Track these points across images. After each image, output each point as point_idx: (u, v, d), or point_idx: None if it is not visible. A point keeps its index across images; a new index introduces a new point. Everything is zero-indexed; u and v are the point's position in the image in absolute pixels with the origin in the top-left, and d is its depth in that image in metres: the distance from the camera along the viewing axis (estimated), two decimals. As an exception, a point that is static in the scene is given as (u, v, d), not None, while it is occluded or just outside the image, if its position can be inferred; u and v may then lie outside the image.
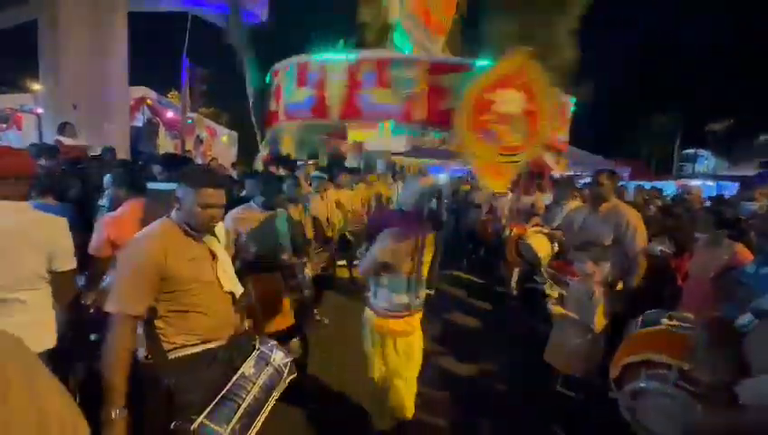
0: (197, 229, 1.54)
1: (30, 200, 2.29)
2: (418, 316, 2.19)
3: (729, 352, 1.27)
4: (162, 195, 2.70)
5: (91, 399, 1.35)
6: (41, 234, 1.59)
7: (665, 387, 1.47)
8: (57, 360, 1.69)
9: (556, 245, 3.63)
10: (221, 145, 13.93)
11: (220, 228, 2.08)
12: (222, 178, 1.61)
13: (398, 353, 2.15)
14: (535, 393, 2.90)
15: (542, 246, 3.58)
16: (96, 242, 2.12)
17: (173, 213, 1.54)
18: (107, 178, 2.48)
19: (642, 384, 1.56)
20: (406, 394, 2.18)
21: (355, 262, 5.83)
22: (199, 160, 9.62)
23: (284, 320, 2.52)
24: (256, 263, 2.56)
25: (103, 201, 2.56)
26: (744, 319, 1.27)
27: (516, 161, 4.10)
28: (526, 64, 3.89)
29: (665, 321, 1.81)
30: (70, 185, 2.99)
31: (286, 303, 2.59)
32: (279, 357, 1.61)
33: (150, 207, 2.24)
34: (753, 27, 26.98)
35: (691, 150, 23.28)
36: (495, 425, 2.69)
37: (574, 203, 4.11)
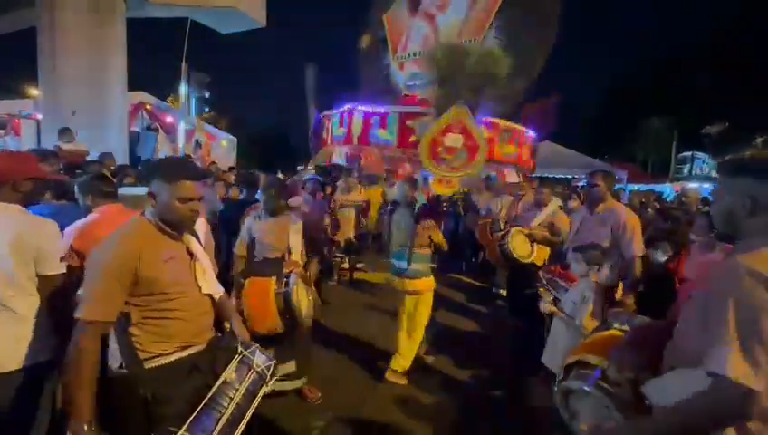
0: (178, 226, 1.46)
1: (47, 202, 2.31)
2: (408, 283, 3.03)
3: (647, 352, 1.25)
4: (134, 199, 2.70)
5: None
6: (27, 237, 1.57)
7: (585, 385, 1.44)
8: (51, 369, 1.68)
9: (536, 245, 3.80)
10: (220, 149, 13.93)
11: (200, 224, 1.95)
12: (199, 170, 1.55)
13: (402, 305, 3.12)
14: (532, 397, 2.90)
15: (519, 246, 3.75)
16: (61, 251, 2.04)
17: (147, 211, 1.45)
18: (76, 187, 2.33)
19: (568, 384, 1.53)
20: (402, 340, 3.10)
21: (358, 265, 5.86)
22: (198, 165, 9.61)
23: (272, 324, 2.43)
24: (257, 265, 2.62)
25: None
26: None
27: (460, 176, 6.74)
28: (463, 115, 6.54)
29: (615, 325, 1.80)
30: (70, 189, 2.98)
31: (275, 308, 2.53)
32: (261, 361, 1.51)
33: (126, 212, 2.18)
34: (748, 31, 27.12)
35: (687, 153, 23.30)
36: (493, 428, 2.69)
37: (554, 205, 4.20)
